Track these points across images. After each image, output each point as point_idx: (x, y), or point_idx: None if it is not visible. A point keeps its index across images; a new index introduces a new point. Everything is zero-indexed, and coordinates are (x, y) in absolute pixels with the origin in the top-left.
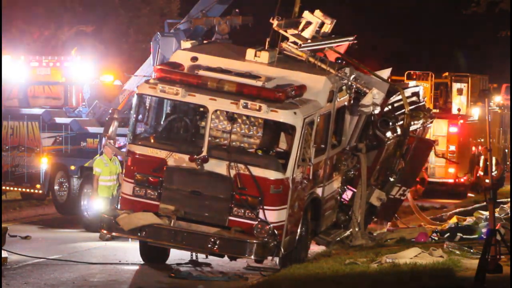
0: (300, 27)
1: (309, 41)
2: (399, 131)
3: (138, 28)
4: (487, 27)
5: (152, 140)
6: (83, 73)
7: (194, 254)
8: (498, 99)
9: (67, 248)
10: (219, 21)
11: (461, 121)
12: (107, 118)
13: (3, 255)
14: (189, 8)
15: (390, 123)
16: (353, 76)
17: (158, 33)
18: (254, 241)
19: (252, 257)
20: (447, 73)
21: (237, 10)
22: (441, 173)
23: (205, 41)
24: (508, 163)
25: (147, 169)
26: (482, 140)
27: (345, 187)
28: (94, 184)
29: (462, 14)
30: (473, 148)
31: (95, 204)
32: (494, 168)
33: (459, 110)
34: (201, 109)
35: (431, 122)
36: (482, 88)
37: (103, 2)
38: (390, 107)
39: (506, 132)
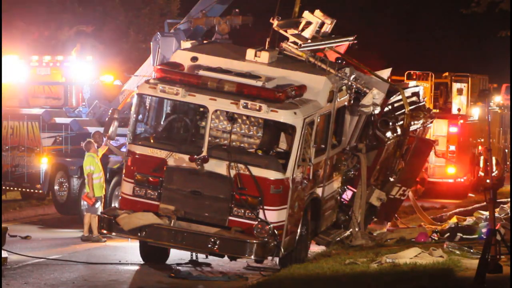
0: (300, 27)
1: (309, 41)
2: (399, 131)
3: (138, 28)
4: (487, 27)
5: (152, 140)
6: (83, 73)
7: (194, 254)
8: (498, 99)
9: (67, 248)
10: (219, 21)
11: (461, 121)
12: (107, 118)
13: (3, 255)
14: (189, 8)
15: (390, 123)
16: (353, 76)
17: (158, 33)
18: (254, 241)
19: (252, 257)
20: (447, 73)
21: (237, 10)
22: (441, 173)
23: (205, 41)
24: (508, 163)
25: (147, 169)
26: (482, 140)
27: (345, 187)
28: (90, 183)
29: (462, 14)
30: (473, 148)
31: (96, 204)
32: (494, 168)
33: (459, 110)
34: (201, 109)
35: (431, 122)
36: (482, 88)
37: (103, 2)
38: (390, 107)
39: (506, 132)
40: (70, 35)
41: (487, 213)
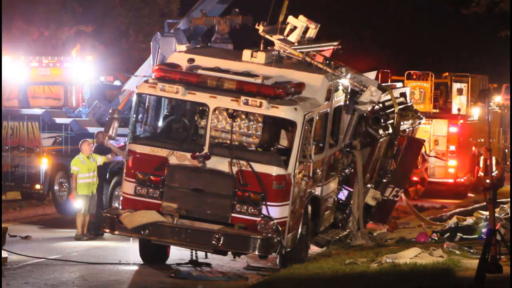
0: (286, 32)
1: (295, 44)
2: (390, 129)
3: (138, 28)
4: (487, 27)
5: (153, 139)
6: (83, 73)
7: (194, 254)
8: (498, 99)
9: (67, 248)
10: (219, 21)
11: (461, 121)
12: (107, 118)
13: (3, 255)
14: (189, 8)
15: (382, 120)
16: (349, 75)
17: (158, 33)
18: (258, 236)
19: (256, 252)
20: (447, 73)
21: (237, 10)
22: (441, 173)
23: (198, 46)
24: (508, 163)
25: (149, 168)
26: (482, 140)
27: (341, 187)
28: (73, 183)
29: (462, 13)
30: (473, 148)
31: (76, 203)
32: (494, 168)
33: (459, 110)
34: (201, 107)
35: (420, 123)
36: (482, 88)
37: (103, 2)
38: (380, 105)
39: (506, 132)
40: (70, 35)
41: (487, 213)
